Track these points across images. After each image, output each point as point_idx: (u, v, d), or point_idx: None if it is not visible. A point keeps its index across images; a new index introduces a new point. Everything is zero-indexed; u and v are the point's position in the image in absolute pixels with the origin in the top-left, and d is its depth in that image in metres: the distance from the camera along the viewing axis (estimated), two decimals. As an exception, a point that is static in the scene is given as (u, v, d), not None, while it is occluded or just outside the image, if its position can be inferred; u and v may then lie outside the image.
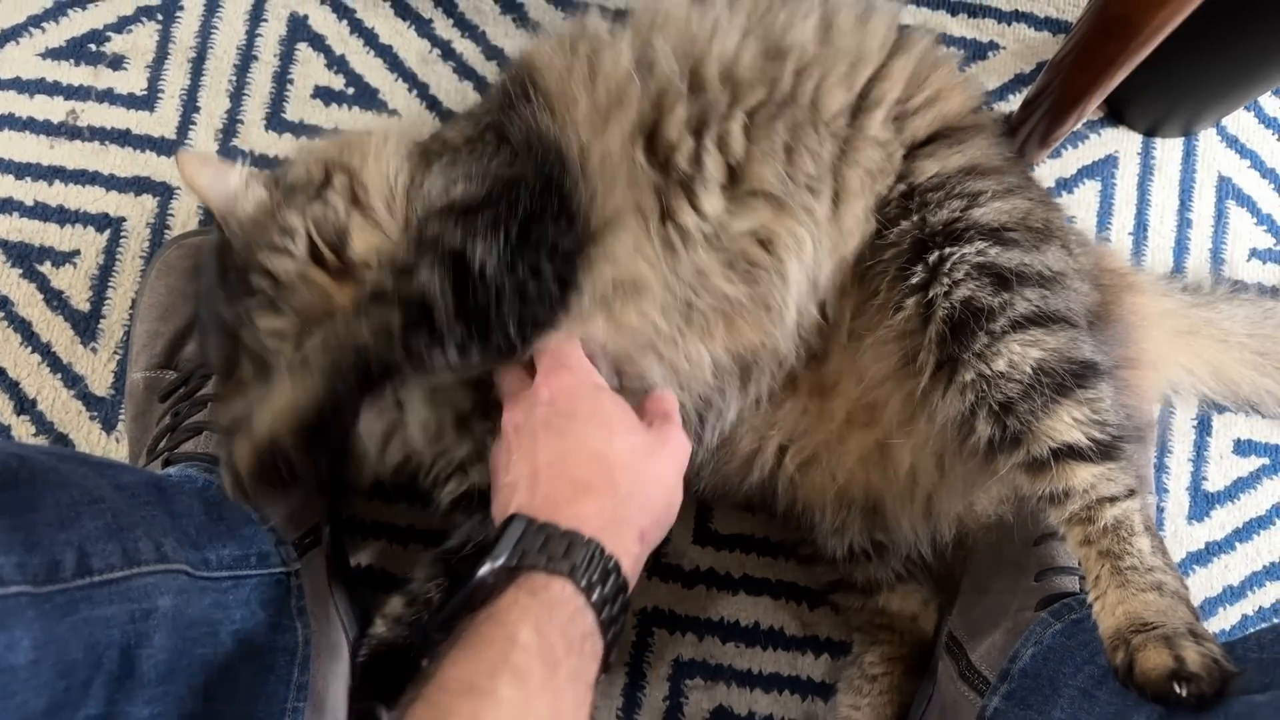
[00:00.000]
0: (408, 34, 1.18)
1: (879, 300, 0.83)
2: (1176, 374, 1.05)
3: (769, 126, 0.83)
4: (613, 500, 0.68)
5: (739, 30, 0.85)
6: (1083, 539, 0.77)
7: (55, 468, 0.68)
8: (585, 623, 0.61)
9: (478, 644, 0.57)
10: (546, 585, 0.61)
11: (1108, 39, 0.92)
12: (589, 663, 0.61)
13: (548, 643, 0.57)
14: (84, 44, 1.16)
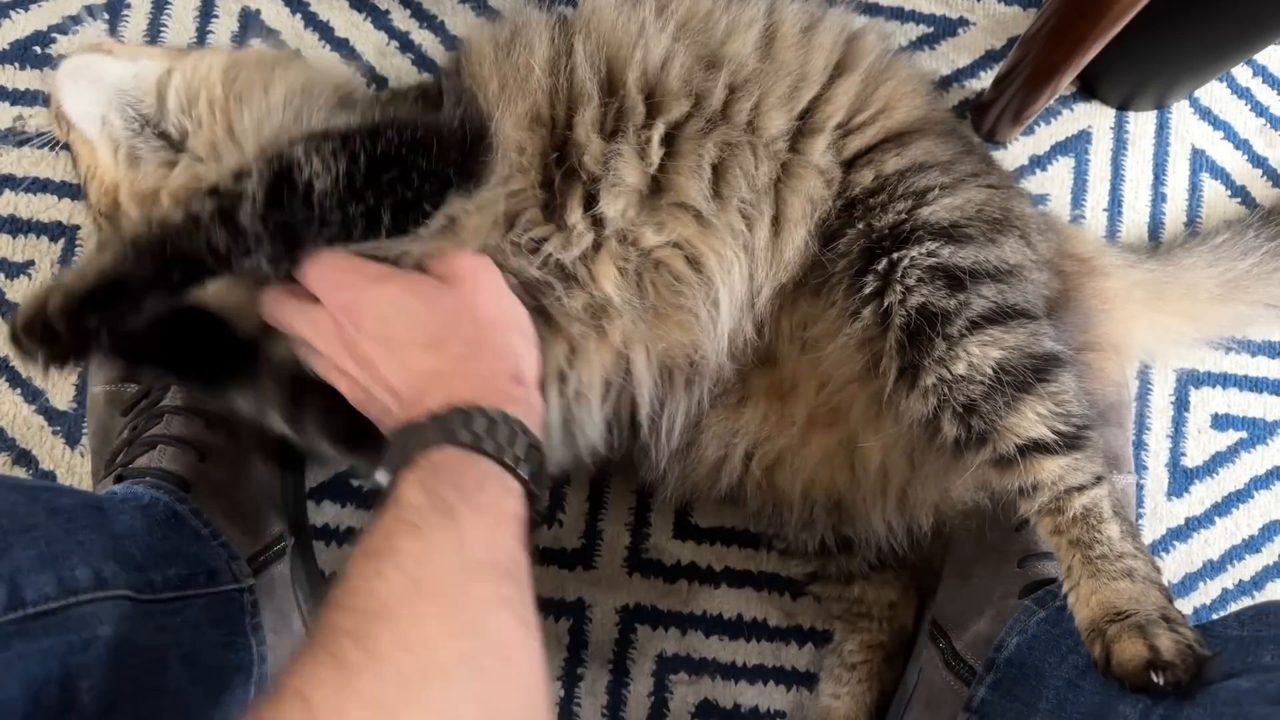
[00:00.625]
0: (364, 26, 1.14)
1: (835, 309, 0.82)
2: (1156, 340, 1.05)
3: (696, 142, 0.80)
4: (463, 367, 0.68)
5: (669, 37, 0.82)
6: (1053, 529, 0.77)
7: None
8: (480, 467, 0.61)
9: (372, 526, 0.57)
10: (428, 457, 0.61)
11: (1079, 16, 0.90)
12: (498, 499, 0.61)
13: (436, 495, 0.58)
14: (28, 46, 1.13)
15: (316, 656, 0.48)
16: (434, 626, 0.50)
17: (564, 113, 0.81)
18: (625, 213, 0.79)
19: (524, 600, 0.57)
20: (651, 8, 0.84)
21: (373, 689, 0.46)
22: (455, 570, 0.54)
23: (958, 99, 1.18)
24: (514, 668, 0.53)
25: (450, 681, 0.49)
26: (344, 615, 0.50)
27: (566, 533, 1.09)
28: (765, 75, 0.82)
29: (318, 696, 0.45)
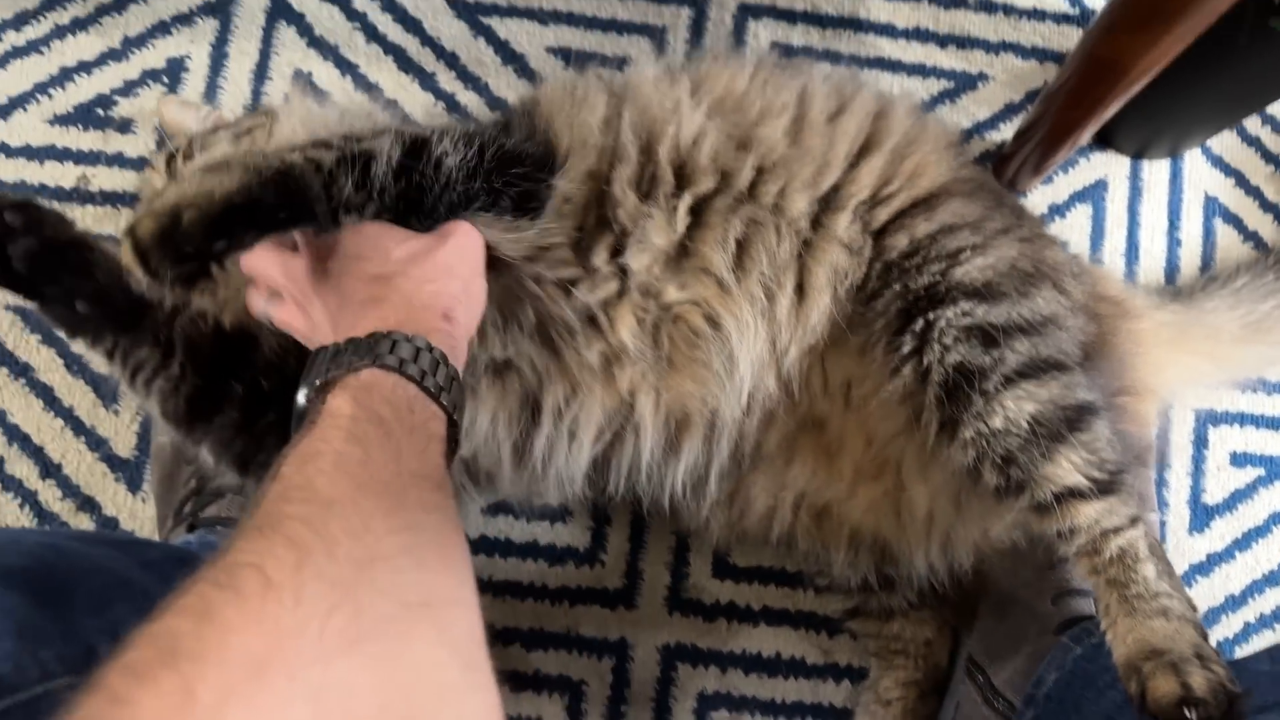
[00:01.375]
0: (412, 88, 1.20)
1: (877, 367, 0.85)
2: (1179, 381, 1.08)
3: (724, 217, 0.85)
4: (401, 298, 0.70)
5: (701, 116, 0.87)
6: (1090, 569, 0.80)
7: (86, 553, 0.70)
8: (408, 391, 0.62)
9: (306, 432, 0.57)
10: (357, 377, 0.62)
11: (1098, 80, 0.95)
12: (426, 422, 0.62)
13: (370, 410, 0.58)
14: (91, 109, 1.18)
15: (267, 536, 0.47)
16: (378, 521, 0.51)
17: (607, 168, 0.86)
18: (650, 268, 0.84)
19: (454, 510, 0.58)
20: (687, 87, 0.89)
21: (328, 567, 0.46)
22: (393, 475, 0.55)
23: (978, 150, 1.23)
24: (451, 564, 0.53)
25: (396, 568, 0.49)
26: (290, 505, 0.50)
27: (608, 573, 1.13)
28: (792, 160, 0.87)
29: (274, 570, 0.44)
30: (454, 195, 0.77)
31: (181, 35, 1.19)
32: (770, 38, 1.23)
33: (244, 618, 0.42)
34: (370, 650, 0.44)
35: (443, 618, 0.49)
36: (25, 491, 1.10)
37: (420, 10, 1.21)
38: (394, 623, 0.46)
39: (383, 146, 0.74)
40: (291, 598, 0.43)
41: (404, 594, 0.48)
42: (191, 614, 0.42)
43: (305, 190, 0.69)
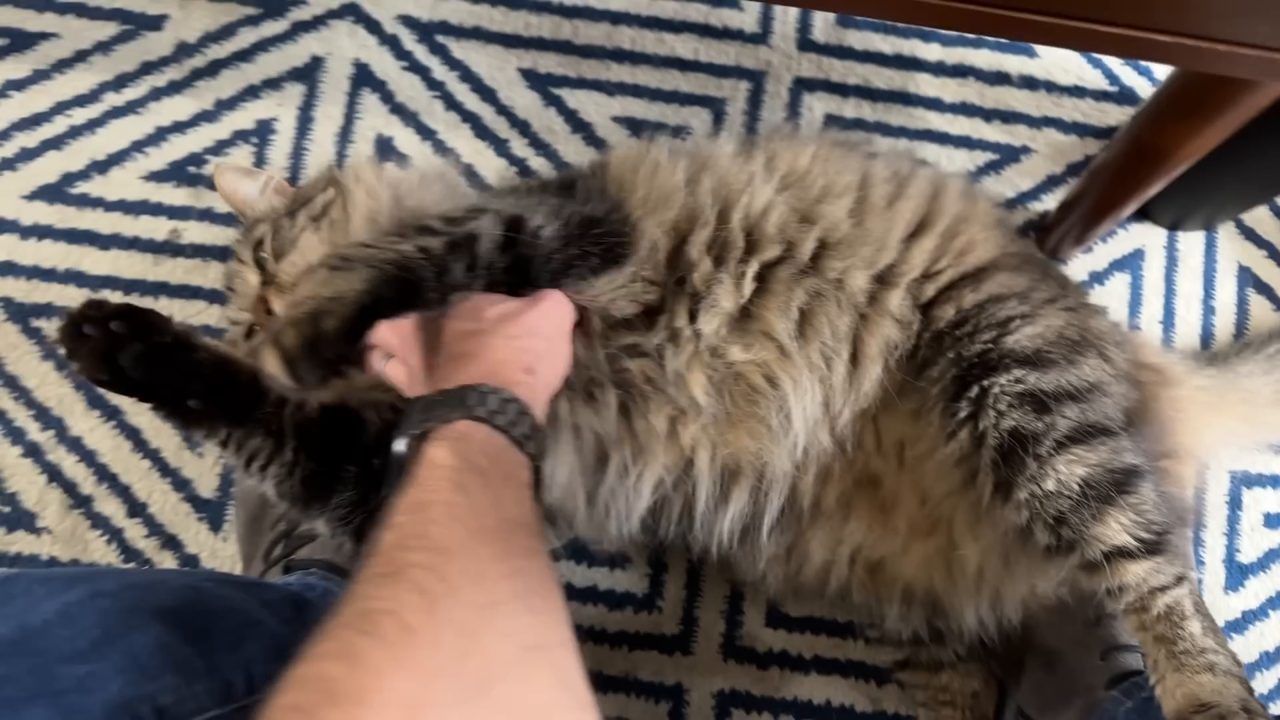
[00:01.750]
0: (486, 153, 1.27)
1: (933, 430, 0.90)
2: (1216, 443, 1.12)
3: (787, 285, 0.90)
4: (489, 353, 0.74)
5: (772, 190, 0.94)
6: (1139, 625, 0.84)
7: (220, 594, 0.74)
8: (497, 441, 0.66)
9: (412, 483, 0.59)
10: (452, 428, 0.65)
11: (1142, 162, 1.01)
12: (516, 470, 0.65)
13: (468, 460, 0.61)
14: (184, 166, 1.25)
15: (395, 583, 0.49)
16: (492, 566, 0.53)
17: (687, 226, 0.92)
18: (719, 330, 0.90)
19: (548, 556, 0.61)
20: (762, 162, 0.96)
21: (456, 613, 0.48)
22: (498, 522, 0.57)
23: (1021, 219, 1.29)
24: (553, 605, 0.56)
25: (513, 612, 0.51)
26: (411, 554, 0.52)
27: (666, 619, 1.17)
28: (855, 241, 0.93)
29: (410, 615, 0.46)
30: (555, 263, 0.84)
31: (270, 99, 1.27)
32: (824, 110, 1.30)
33: (391, 662, 0.44)
34: (501, 693, 0.47)
35: (557, 660, 0.52)
36: (112, 529, 1.15)
37: (495, 81, 1.29)
38: (517, 665, 0.49)
39: (485, 227, 0.80)
40: (429, 642, 0.46)
41: (522, 637, 0.50)
42: (342, 658, 0.44)
43: (421, 282, 0.75)
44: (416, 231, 0.80)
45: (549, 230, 0.84)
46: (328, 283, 0.72)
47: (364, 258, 0.75)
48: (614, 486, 0.92)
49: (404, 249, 0.76)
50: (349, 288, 0.71)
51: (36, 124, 1.25)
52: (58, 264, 1.21)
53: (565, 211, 0.86)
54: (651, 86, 1.30)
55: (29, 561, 1.14)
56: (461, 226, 0.81)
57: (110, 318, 0.74)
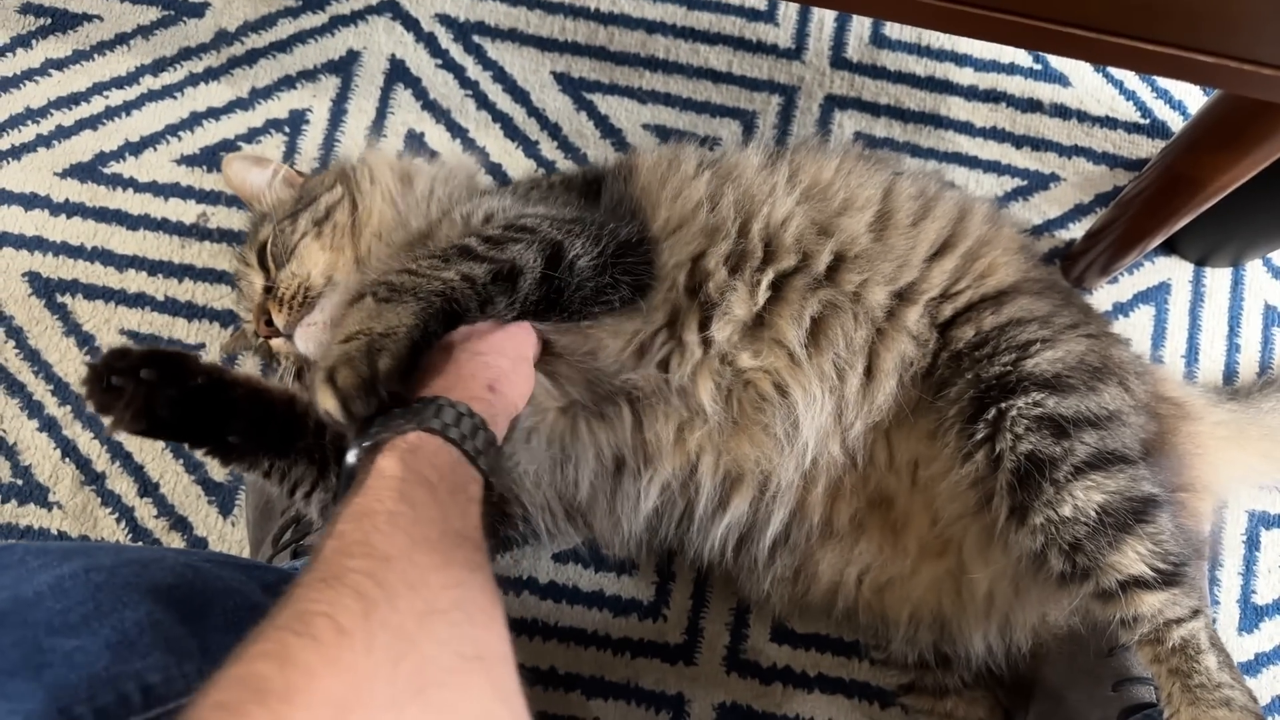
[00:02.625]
0: (516, 153, 1.27)
1: (949, 451, 0.90)
2: (1235, 478, 1.10)
3: (801, 295, 0.91)
4: (453, 367, 0.74)
5: (793, 201, 0.94)
6: (1153, 657, 0.83)
7: (219, 575, 0.73)
8: (449, 454, 0.65)
9: (358, 491, 0.59)
10: (405, 439, 0.65)
11: (1174, 193, 1.01)
12: (466, 484, 0.65)
13: (417, 471, 0.61)
14: (216, 152, 1.26)
15: (334, 588, 0.49)
16: (433, 576, 0.53)
17: (706, 246, 0.92)
18: (730, 338, 0.90)
19: (490, 571, 0.60)
20: (784, 174, 0.96)
21: (392, 618, 0.48)
22: (441, 534, 0.57)
23: (1047, 246, 1.28)
24: (493, 619, 0.55)
25: (452, 621, 0.51)
26: (352, 560, 0.51)
27: (670, 628, 1.16)
28: (875, 256, 0.93)
29: (345, 619, 0.46)
30: (586, 291, 0.84)
31: (305, 90, 1.28)
32: (854, 128, 1.30)
33: (323, 662, 0.44)
34: (435, 698, 0.46)
35: (494, 671, 0.51)
36: (123, 507, 1.16)
37: (529, 83, 1.30)
38: (454, 673, 0.48)
39: (527, 259, 0.81)
40: (363, 645, 0.45)
41: (460, 646, 0.50)
42: (274, 658, 0.44)
43: (466, 311, 0.76)
44: (458, 254, 0.80)
45: (585, 260, 0.84)
46: (378, 316, 0.72)
47: (412, 288, 0.74)
48: (627, 490, 0.93)
49: (449, 278, 0.76)
50: (399, 322, 0.71)
51: (74, 103, 1.26)
52: (86, 241, 1.22)
53: (604, 238, 0.86)
54: (684, 96, 1.31)
55: (38, 535, 1.14)
56: (504, 252, 0.81)
57: (139, 366, 0.73)
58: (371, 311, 0.72)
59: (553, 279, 0.81)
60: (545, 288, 0.82)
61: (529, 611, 1.16)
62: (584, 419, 0.90)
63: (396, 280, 0.76)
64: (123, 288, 1.21)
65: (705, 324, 0.90)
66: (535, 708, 1.13)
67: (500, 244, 0.82)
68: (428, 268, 0.78)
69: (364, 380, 0.67)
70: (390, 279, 0.76)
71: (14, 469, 1.16)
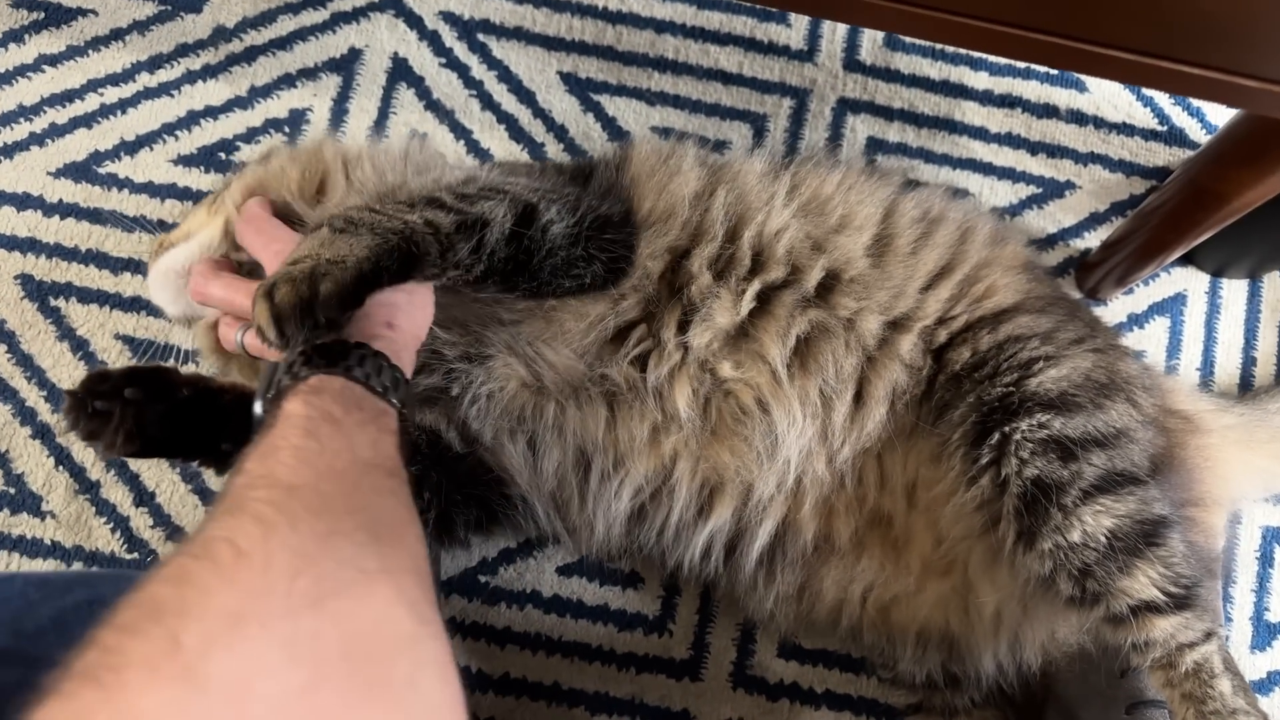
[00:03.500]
0: (521, 155, 1.25)
1: (954, 474, 0.87)
2: (1246, 484, 1.09)
3: (789, 311, 0.88)
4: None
5: (790, 214, 0.91)
6: (1165, 682, 0.81)
7: None
8: (355, 390, 0.65)
9: (263, 435, 0.60)
10: (307, 381, 0.65)
11: (1198, 206, 0.99)
12: (376, 417, 0.64)
13: (322, 409, 0.61)
14: (214, 152, 1.23)
15: (235, 516, 0.50)
16: (337, 502, 0.54)
17: (689, 243, 0.89)
18: (710, 344, 0.87)
19: (407, 495, 0.61)
20: (785, 185, 0.94)
21: (291, 538, 0.49)
22: (348, 463, 0.58)
23: (1061, 256, 1.26)
24: (404, 540, 0.56)
25: (355, 541, 0.52)
26: (256, 491, 0.53)
27: (676, 643, 1.14)
28: (872, 282, 0.90)
29: (244, 542, 0.48)
30: (557, 260, 0.82)
31: (306, 89, 1.25)
32: (867, 133, 1.28)
33: (220, 580, 0.45)
34: (333, 606, 0.47)
35: (399, 581, 0.52)
36: (118, 517, 1.13)
37: (535, 83, 1.27)
38: (354, 585, 0.49)
39: (497, 213, 0.78)
40: (260, 564, 0.47)
41: (362, 563, 0.51)
42: (172, 581, 0.45)
43: (425, 256, 0.73)
44: (426, 203, 0.78)
45: (559, 227, 0.81)
46: (329, 244, 0.69)
47: (370, 224, 0.72)
48: (597, 490, 0.91)
49: (411, 220, 0.74)
50: (350, 252, 0.69)
51: (68, 100, 1.23)
52: (80, 243, 1.19)
53: (582, 208, 0.84)
54: (693, 98, 1.28)
55: (31, 545, 1.12)
56: (474, 206, 0.78)
57: (122, 386, 0.72)
58: (325, 239, 0.70)
59: (523, 237, 0.79)
60: (514, 246, 0.79)
61: (533, 626, 1.13)
62: (553, 400, 0.88)
63: (356, 215, 0.74)
64: (118, 291, 1.19)
65: (684, 327, 0.87)
66: (538, 725, 1.11)
67: (472, 200, 0.79)
68: (392, 210, 0.76)
69: (302, 300, 0.65)
70: (350, 214, 0.74)
71: (6, 477, 1.13)
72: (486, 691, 1.11)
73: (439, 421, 0.90)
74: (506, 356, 0.87)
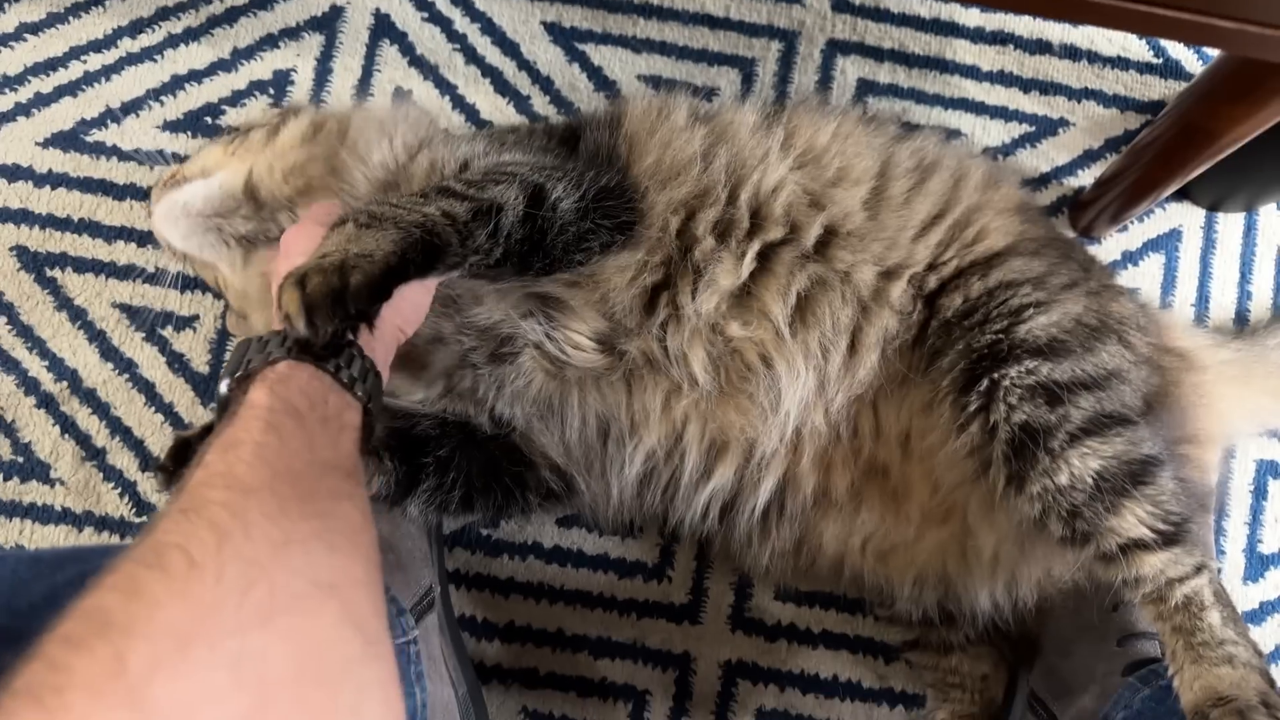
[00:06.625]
0: (507, 109, 1.24)
1: (945, 422, 0.88)
2: (1244, 419, 1.09)
3: (788, 268, 0.88)
4: None
5: (786, 168, 0.91)
6: (1156, 615, 0.83)
7: None
8: (323, 382, 0.66)
9: (229, 422, 0.60)
10: (275, 369, 0.65)
11: (1188, 143, 0.97)
12: (341, 412, 0.65)
13: (286, 401, 0.62)
14: (200, 117, 1.23)
15: (191, 520, 0.50)
16: (293, 506, 0.54)
17: (697, 204, 0.89)
18: (718, 306, 0.88)
19: (363, 498, 0.61)
20: (779, 138, 0.93)
21: (246, 548, 0.49)
22: (307, 465, 0.58)
23: (1055, 195, 1.25)
24: (359, 548, 0.57)
25: (308, 550, 0.52)
26: (213, 491, 0.53)
27: (675, 589, 1.17)
28: (868, 235, 0.90)
29: (197, 551, 0.47)
30: (569, 235, 0.83)
31: (289, 49, 1.24)
32: (857, 74, 1.26)
33: (170, 594, 0.45)
34: (283, 624, 0.47)
35: (349, 597, 0.53)
36: (125, 482, 1.16)
37: (518, 34, 1.25)
38: (305, 599, 0.50)
39: (508, 196, 0.79)
40: (213, 576, 0.47)
41: (315, 574, 0.51)
42: (121, 591, 0.45)
43: (446, 246, 0.74)
44: (438, 193, 0.79)
45: (567, 203, 0.83)
46: (356, 239, 0.71)
47: (392, 217, 0.73)
48: (613, 455, 0.93)
49: (429, 212, 0.75)
50: (377, 246, 0.70)
51: (51, 69, 1.23)
52: (72, 213, 1.20)
53: (585, 182, 0.84)
54: (679, 44, 1.26)
55: (42, 512, 1.14)
56: (484, 192, 0.79)
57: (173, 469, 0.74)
58: (351, 235, 0.72)
59: (536, 217, 0.80)
60: (529, 226, 0.80)
61: (535, 575, 1.16)
62: (575, 387, 0.90)
63: (377, 210, 0.75)
64: (112, 259, 1.19)
65: (694, 293, 0.88)
66: (544, 669, 1.15)
67: (481, 185, 0.81)
68: (408, 203, 0.77)
69: (333, 290, 0.66)
70: (371, 208, 0.76)
71: (14, 446, 1.15)
72: (493, 640, 1.15)
73: (469, 408, 0.93)
74: (532, 352, 0.89)
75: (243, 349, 0.68)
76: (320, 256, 0.69)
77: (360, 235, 0.71)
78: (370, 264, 0.68)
